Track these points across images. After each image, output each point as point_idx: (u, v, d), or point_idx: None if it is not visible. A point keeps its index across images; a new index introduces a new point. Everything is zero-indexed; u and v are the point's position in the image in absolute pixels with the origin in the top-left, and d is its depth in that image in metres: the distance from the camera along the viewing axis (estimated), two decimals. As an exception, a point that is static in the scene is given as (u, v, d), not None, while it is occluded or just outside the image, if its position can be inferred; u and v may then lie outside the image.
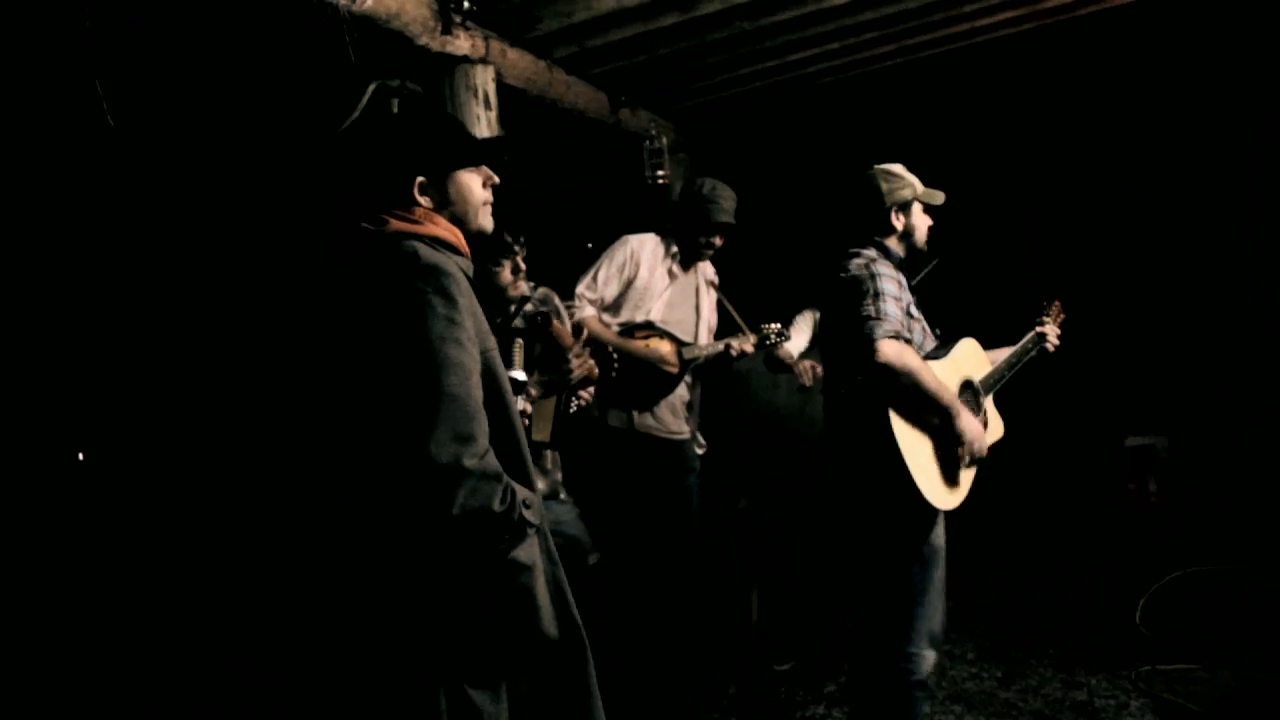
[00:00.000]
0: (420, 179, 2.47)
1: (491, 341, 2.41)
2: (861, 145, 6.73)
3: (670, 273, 4.97)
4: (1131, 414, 7.32)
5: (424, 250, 2.30)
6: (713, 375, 5.25)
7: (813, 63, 6.34)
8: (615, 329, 4.88)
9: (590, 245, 5.43)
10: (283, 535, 2.54)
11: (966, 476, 3.87)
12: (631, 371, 4.72)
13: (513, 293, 3.87)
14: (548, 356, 3.49)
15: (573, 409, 3.86)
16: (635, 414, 4.88)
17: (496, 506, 2.18)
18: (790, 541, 5.81)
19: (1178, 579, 5.90)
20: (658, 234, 5.08)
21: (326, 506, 2.33)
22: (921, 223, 4.02)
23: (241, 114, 4.38)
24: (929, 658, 3.84)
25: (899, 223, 3.99)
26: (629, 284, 4.91)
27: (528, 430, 3.70)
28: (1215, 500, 6.75)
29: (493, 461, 2.20)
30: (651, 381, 4.87)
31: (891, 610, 3.83)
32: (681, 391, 5.00)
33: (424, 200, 2.46)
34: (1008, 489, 4.04)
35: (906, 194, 3.99)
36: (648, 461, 4.91)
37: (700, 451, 5.17)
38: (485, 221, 2.59)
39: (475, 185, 2.54)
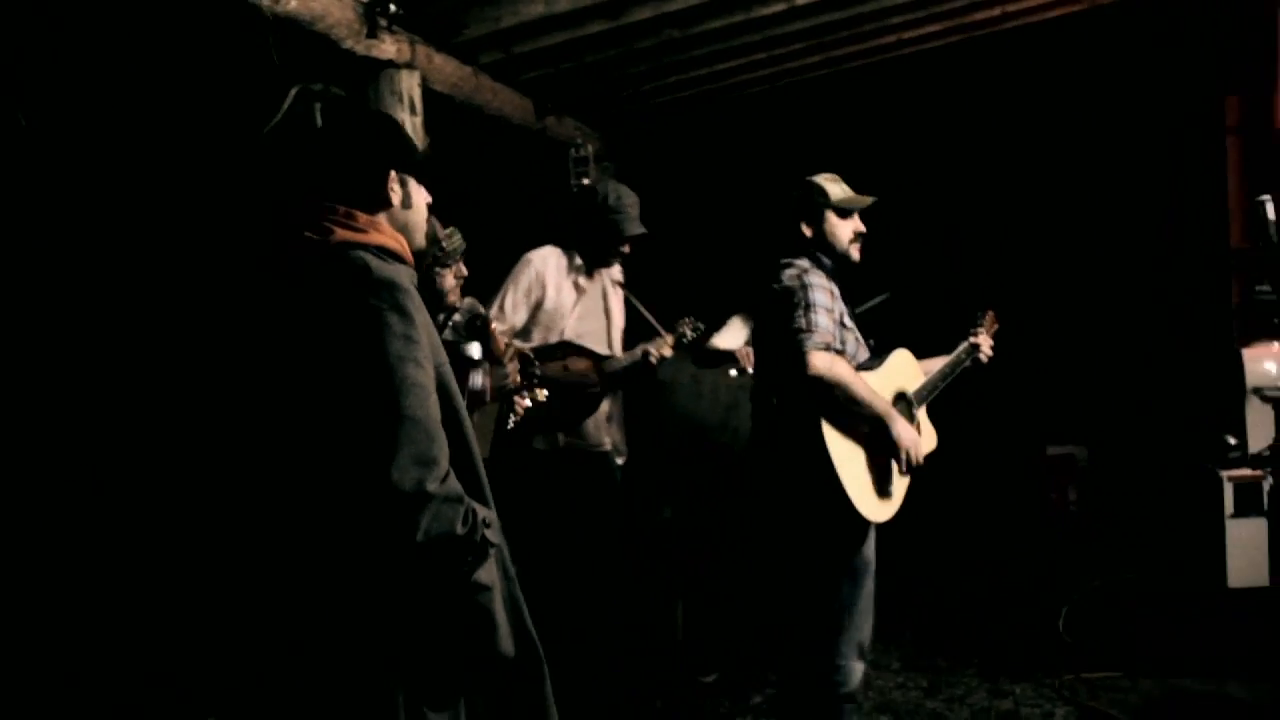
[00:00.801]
0: (393, 174, 2.39)
1: (444, 355, 2.34)
2: (788, 155, 6.77)
3: (577, 285, 4.83)
4: (1052, 424, 7.40)
5: (375, 263, 2.21)
6: (634, 385, 5.17)
7: (740, 72, 6.34)
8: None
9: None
10: (231, 562, 2.43)
11: (899, 488, 3.85)
12: (555, 395, 4.64)
13: (450, 299, 3.80)
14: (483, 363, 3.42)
15: (510, 423, 3.80)
16: (561, 436, 4.79)
17: (459, 530, 2.11)
18: (715, 552, 5.78)
19: (1098, 587, 5.96)
20: (558, 246, 4.91)
21: (278, 531, 2.24)
22: (841, 230, 3.96)
23: (159, 116, 4.26)
24: (858, 670, 3.83)
25: (808, 230, 3.94)
26: (538, 306, 4.78)
27: None
28: (1133, 509, 6.83)
29: (454, 484, 2.14)
30: (576, 403, 4.78)
31: (821, 623, 3.81)
32: (604, 405, 4.93)
33: (382, 202, 2.37)
34: (930, 499, 4.03)
35: (825, 201, 3.94)
36: (573, 477, 4.83)
37: (620, 461, 5.11)
38: (424, 234, 2.52)
39: (423, 193, 2.48)
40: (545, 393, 4.00)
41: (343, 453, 2.11)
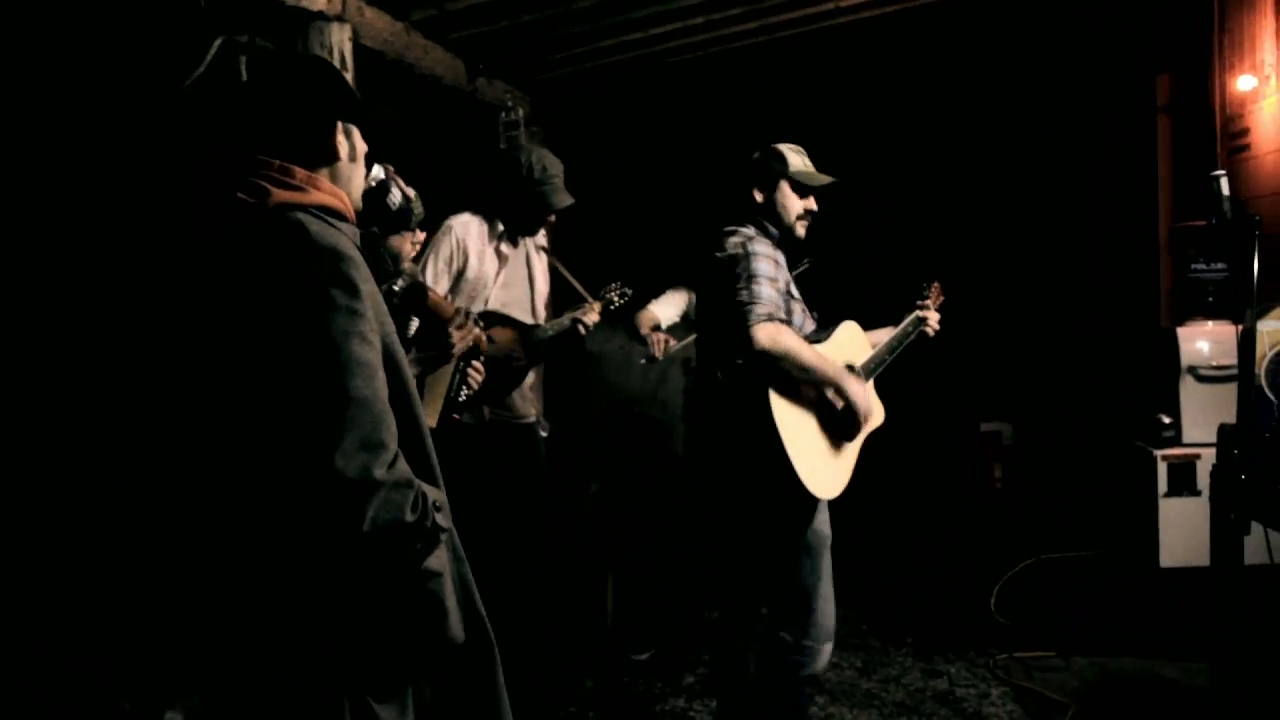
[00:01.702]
0: (340, 126, 2.20)
1: (391, 325, 2.16)
2: (721, 126, 6.69)
3: (499, 253, 4.64)
4: (977, 401, 7.39)
5: (316, 227, 2.02)
6: (562, 355, 5.01)
7: (675, 37, 6.21)
8: None
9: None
10: (168, 555, 2.23)
11: (848, 464, 3.76)
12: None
13: (405, 265, 3.61)
14: (426, 331, 3.24)
15: (463, 395, 3.63)
16: (487, 409, 4.62)
17: (408, 517, 1.96)
18: (646, 527, 5.67)
19: (1029, 566, 5.94)
20: (479, 213, 4.68)
21: (213, 523, 2.06)
22: (792, 203, 3.86)
23: (72, 66, 4.00)
24: (824, 651, 3.74)
25: (760, 196, 3.82)
26: (460, 275, 4.58)
27: None
28: (1059, 487, 6.84)
29: (403, 468, 1.98)
30: (502, 375, 4.60)
31: (785, 604, 3.71)
32: (529, 376, 4.77)
33: (328, 155, 2.19)
34: (859, 475, 3.94)
35: (781, 169, 3.83)
36: (499, 450, 4.66)
37: (545, 434, 4.95)
38: (362, 188, 2.35)
39: (361, 142, 2.30)
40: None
41: (283, 438, 1.94)
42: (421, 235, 3.56)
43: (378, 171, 2.51)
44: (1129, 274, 6.79)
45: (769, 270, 3.61)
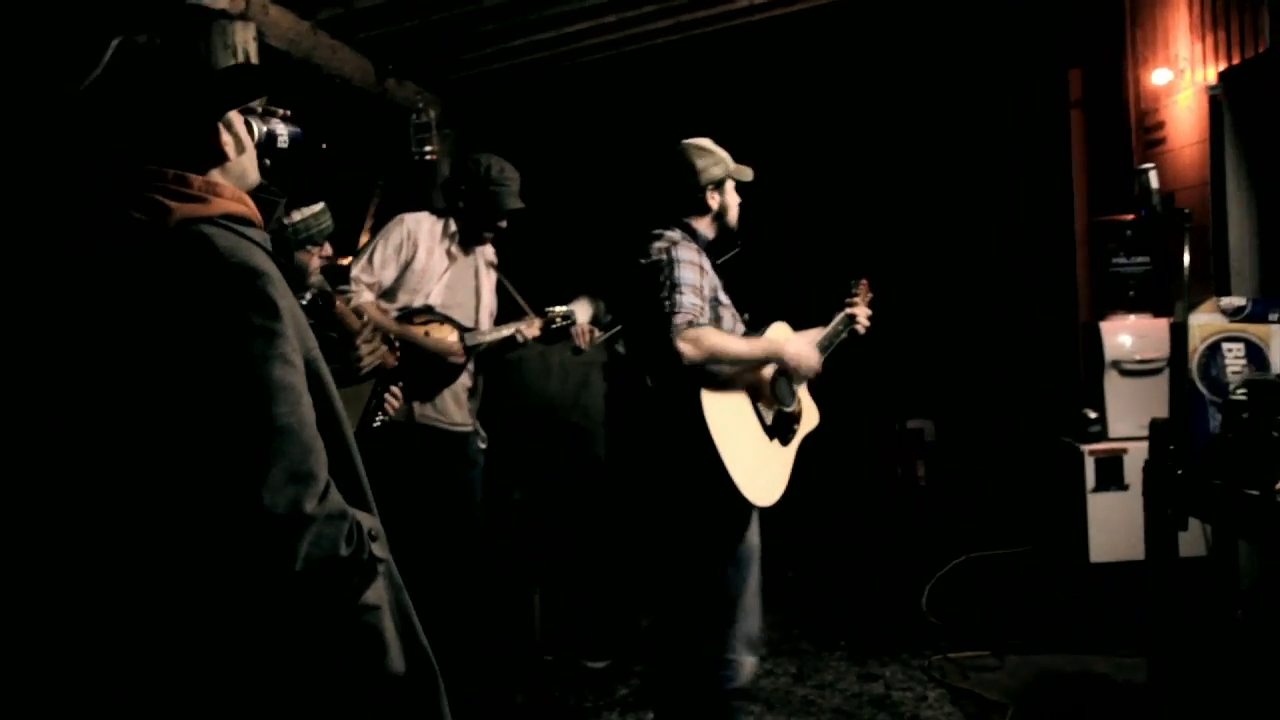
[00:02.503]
0: (224, 119, 1.98)
1: (314, 342, 1.97)
2: (635, 126, 6.57)
3: (449, 254, 4.60)
4: (896, 398, 7.37)
5: (224, 242, 1.83)
6: (490, 362, 4.90)
7: (588, 36, 6.10)
8: (394, 314, 4.49)
9: (324, 146, 4.92)
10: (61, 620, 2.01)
11: (784, 468, 3.68)
12: (412, 360, 4.33)
13: (313, 279, 3.44)
14: (331, 344, 3.06)
15: (377, 421, 3.47)
16: (416, 405, 4.49)
17: (344, 550, 1.80)
18: (571, 535, 5.55)
19: (959, 565, 5.90)
20: (432, 213, 4.70)
21: (111, 580, 1.88)
22: (733, 201, 3.80)
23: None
24: (748, 664, 3.64)
25: (714, 201, 3.73)
26: (406, 266, 4.52)
27: None
28: (982, 484, 6.83)
29: (335, 499, 1.82)
30: (434, 371, 4.49)
31: (706, 615, 3.60)
32: (464, 380, 4.65)
33: (215, 157, 1.99)
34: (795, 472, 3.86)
35: (719, 171, 3.74)
36: (429, 456, 4.53)
37: (483, 446, 4.82)
38: (257, 170, 2.15)
39: (242, 124, 2.10)
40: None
41: (200, 477, 1.76)
42: (329, 250, 3.41)
43: (255, 125, 2.31)
44: (1046, 269, 6.80)
45: (693, 278, 3.51)
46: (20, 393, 1.95)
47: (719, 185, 3.74)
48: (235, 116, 2.05)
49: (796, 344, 3.66)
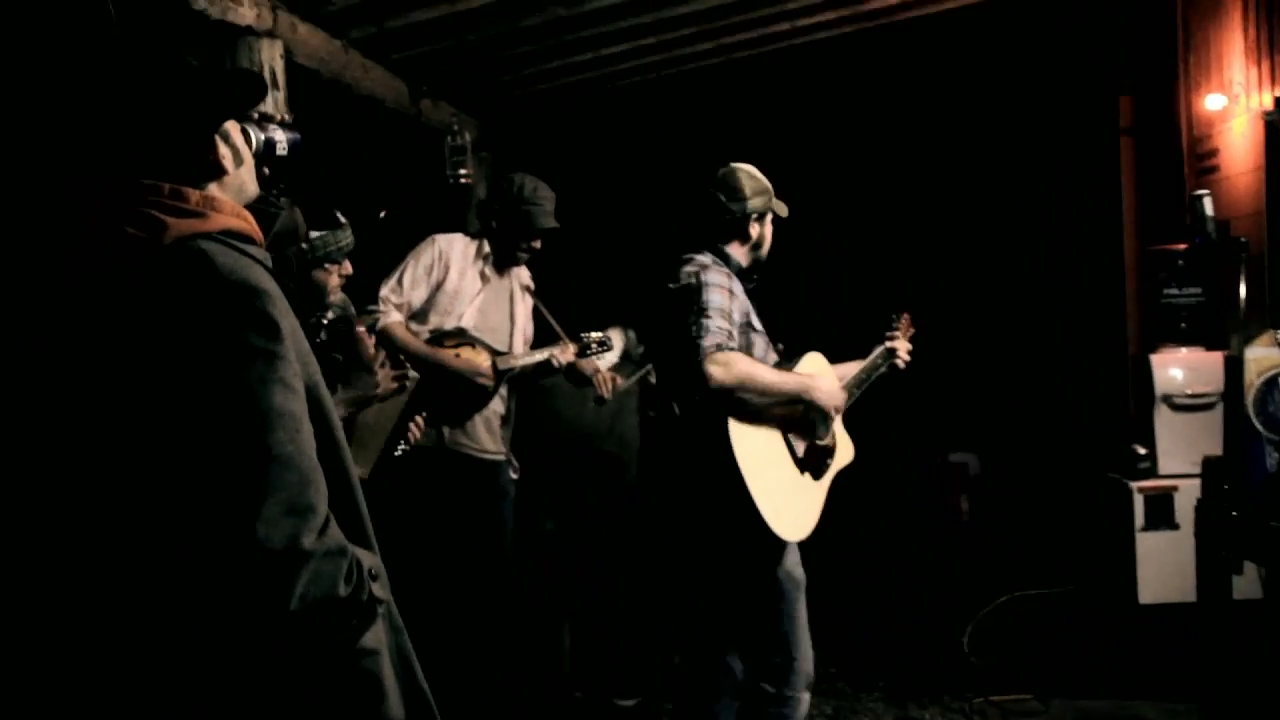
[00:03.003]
0: (220, 130, 1.88)
1: (315, 366, 1.86)
2: (674, 150, 6.47)
3: (482, 275, 4.50)
4: (939, 431, 7.19)
5: (224, 259, 1.73)
6: (523, 388, 4.80)
7: (628, 58, 6.01)
8: (425, 336, 4.39)
9: (382, 215, 4.88)
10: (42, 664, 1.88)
11: (816, 503, 3.54)
12: (441, 384, 4.23)
13: (332, 298, 3.34)
14: (350, 369, 2.96)
15: (399, 450, 3.37)
16: (446, 430, 4.38)
17: (342, 590, 1.69)
18: (602, 567, 5.42)
19: (1002, 604, 5.72)
20: (466, 234, 4.61)
21: (98, 618, 1.76)
22: (769, 235, 3.69)
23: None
24: (804, 700, 3.54)
25: (754, 231, 3.63)
26: (437, 287, 4.44)
27: None
28: (1028, 520, 6.64)
29: (335, 534, 1.71)
30: (463, 395, 4.38)
31: (762, 653, 3.47)
32: (496, 406, 4.54)
33: (213, 170, 1.89)
34: (824, 510, 3.72)
35: (762, 202, 3.64)
36: (458, 484, 4.42)
37: (515, 476, 4.71)
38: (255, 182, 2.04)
39: (240, 139, 1.97)
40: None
41: (192, 508, 1.65)
42: (349, 268, 3.30)
43: (253, 134, 2.20)
44: (1094, 299, 6.63)
45: (722, 302, 3.40)
46: (10, 416, 1.85)
47: (761, 216, 3.64)
48: (232, 127, 1.95)
49: (828, 384, 3.51)
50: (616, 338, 5.17)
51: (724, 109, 6.88)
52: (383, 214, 4.84)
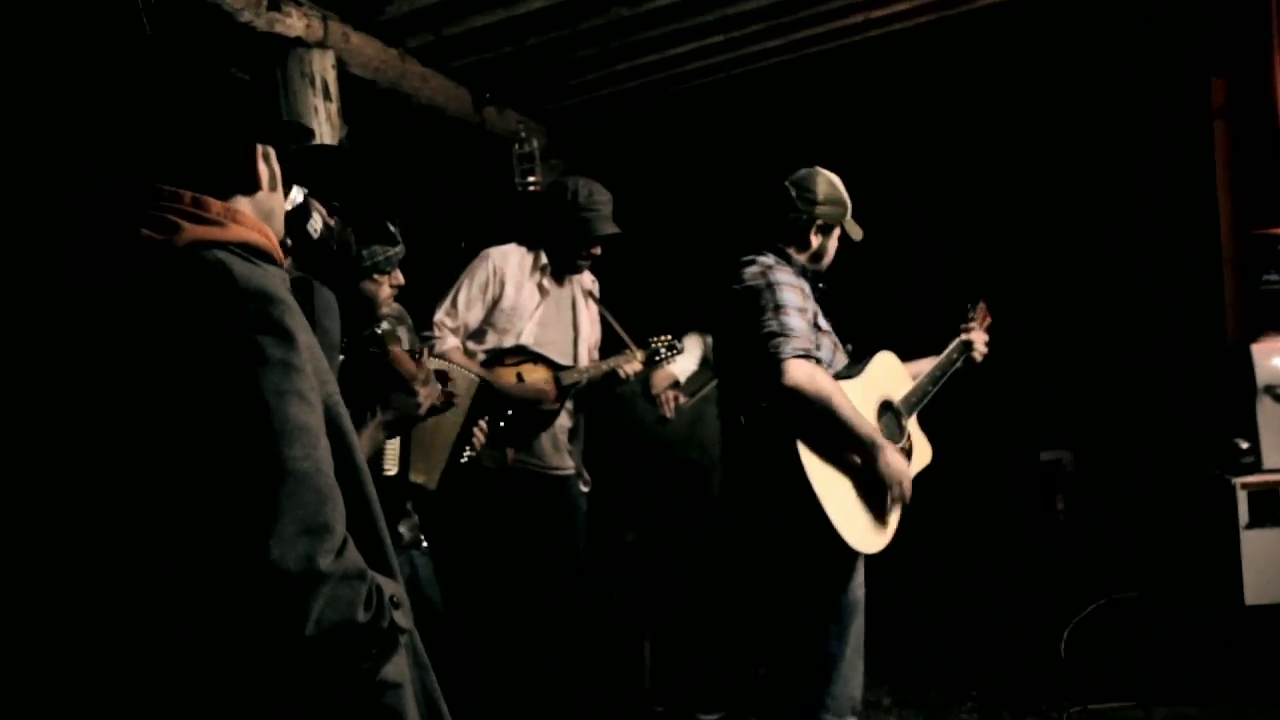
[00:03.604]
0: (260, 149, 1.83)
1: (334, 385, 1.78)
2: (751, 149, 6.33)
3: (541, 288, 4.38)
4: (1030, 427, 6.97)
5: (240, 268, 1.65)
6: (595, 399, 4.69)
7: (695, 58, 5.88)
8: (481, 358, 4.27)
9: (464, 244, 4.80)
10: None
11: (892, 514, 3.37)
12: (504, 406, 4.13)
13: (385, 310, 3.26)
14: (388, 388, 2.88)
15: (465, 457, 3.30)
16: (510, 452, 4.27)
17: (361, 616, 1.59)
18: (684, 579, 5.30)
19: (1100, 607, 5.49)
20: (522, 244, 4.48)
21: (100, 639, 1.68)
22: (833, 248, 3.55)
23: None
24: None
25: (815, 241, 3.48)
26: (494, 304, 4.32)
27: (401, 470, 3.12)
28: (1126, 519, 6.40)
29: (353, 557, 1.62)
30: (527, 416, 4.26)
31: (805, 673, 3.31)
32: (563, 420, 4.44)
33: (248, 184, 1.81)
34: (909, 512, 3.56)
35: (833, 212, 3.50)
36: (527, 502, 4.32)
37: (586, 489, 4.60)
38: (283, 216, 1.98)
39: (278, 167, 1.92)
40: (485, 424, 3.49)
41: (201, 527, 1.56)
42: (400, 278, 3.22)
43: (295, 194, 2.15)
44: (1189, 288, 6.38)
45: (796, 300, 3.26)
46: (15, 423, 1.77)
47: (827, 228, 3.50)
48: (272, 151, 1.89)
49: (896, 460, 3.32)
50: (694, 344, 5.06)
51: (798, 107, 6.72)
52: (463, 244, 4.75)
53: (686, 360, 4.95)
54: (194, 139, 1.76)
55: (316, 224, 2.26)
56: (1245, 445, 4.89)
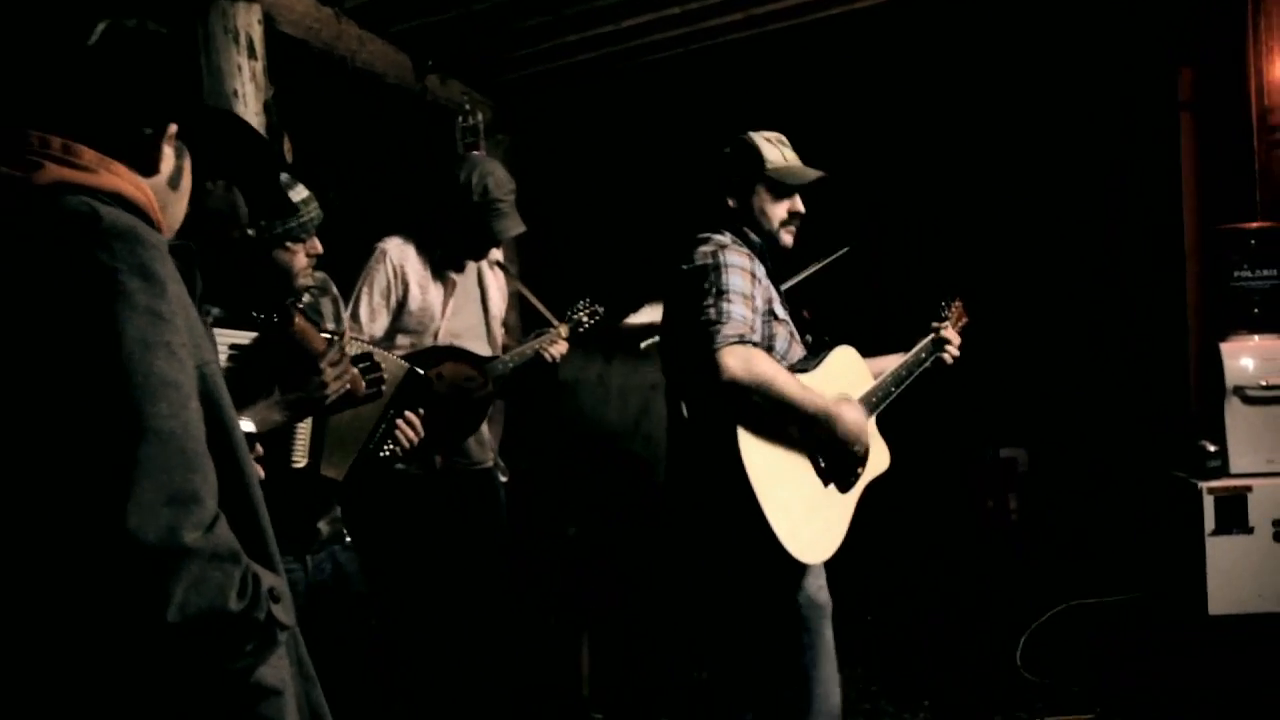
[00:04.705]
0: (173, 131, 1.64)
1: (211, 353, 1.57)
2: (708, 127, 6.09)
3: (446, 279, 4.02)
4: (987, 425, 6.81)
5: (106, 209, 1.45)
6: (530, 386, 4.42)
7: (650, 30, 5.64)
8: None
9: (331, 195, 4.51)
10: None
11: (841, 519, 3.15)
12: (430, 412, 3.84)
13: (302, 281, 2.97)
14: (291, 367, 2.60)
15: (385, 452, 3.02)
16: (439, 458, 3.99)
17: (233, 604, 1.37)
18: (627, 577, 5.10)
19: (1059, 614, 5.32)
20: (415, 237, 4.06)
21: None
22: (768, 207, 3.27)
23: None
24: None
25: (732, 202, 3.24)
26: (400, 308, 3.97)
27: (313, 462, 2.84)
28: (1082, 521, 6.26)
29: (225, 535, 1.39)
30: (456, 418, 3.95)
31: (776, 689, 3.09)
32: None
33: (145, 164, 1.59)
34: (857, 511, 3.36)
35: (748, 167, 3.24)
36: (453, 501, 4.06)
37: (504, 479, 4.35)
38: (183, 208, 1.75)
39: (189, 178, 1.73)
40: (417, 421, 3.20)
41: (47, 491, 1.35)
42: (318, 246, 2.93)
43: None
44: (1152, 284, 6.25)
45: (743, 285, 3.02)
46: None
47: (744, 186, 3.25)
48: (187, 155, 1.71)
49: (854, 415, 3.12)
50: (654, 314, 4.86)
51: (756, 87, 6.50)
52: (331, 194, 4.43)
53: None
54: (86, 90, 1.56)
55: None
56: (1213, 449, 4.75)
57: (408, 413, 3.10)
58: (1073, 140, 6.53)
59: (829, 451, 3.11)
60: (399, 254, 3.97)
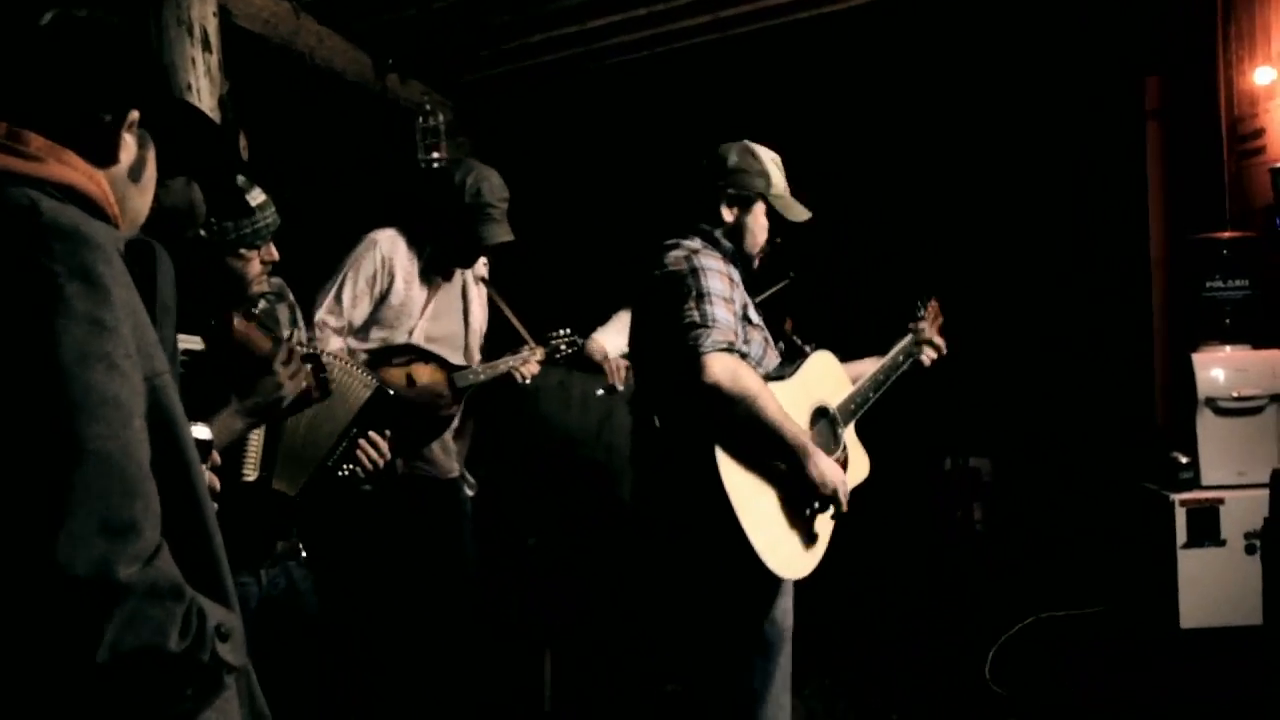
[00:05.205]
0: (134, 119, 1.52)
1: (162, 363, 1.44)
2: (672, 133, 6.02)
3: (431, 281, 3.94)
4: (951, 434, 6.77)
5: (50, 204, 1.34)
6: (496, 397, 4.34)
7: (615, 32, 5.58)
8: (364, 357, 3.80)
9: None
10: None
11: (822, 532, 3.06)
12: (394, 413, 3.73)
13: (256, 288, 2.84)
14: (242, 372, 2.47)
15: (344, 471, 2.90)
16: (400, 462, 3.86)
17: (173, 644, 1.25)
18: (591, 588, 4.99)
19: (1028, 626, 5.26)
20: (406, 233, 3.99)
21: None
22: (759, 228, 3.18)
23: None
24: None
25: (728, 215, 3.14)
26: (382, 299, 3.88)
27: (264, 476, 2.72)
28: (1046, 529, 6.23)
29: (167, 569, 1.28)
30: (422, 424, 3.84)
31: (725, 710, 3.00)
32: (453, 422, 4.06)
33: (103, 153, 1.47)
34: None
35: (752, 184, 3.15)
36: (412, 508, 3.95)
37: (471, 493, 4.25)
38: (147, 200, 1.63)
39: (153, 168, 1.60)
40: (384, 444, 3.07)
41: None
42: (274, 252, 2.80)
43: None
44: (1119, 294, 6.23)
45: (722, 288, 2.94)
46: None
47: (742, 200, 3.15)
48: (150, 145, 1.59)
49: (831, 469, 3.01)
50: (619, 333, 4.77)
51: (722, 91, 6.45)
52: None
53: (617, 336, 4.63)
54: (33, 71, 1.43)
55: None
56: (1184, 460, 4.71)
57: (372, 433, 2.99)
58: (1040, 148, 6.52)
59: (801, 478, 3.02)
60: (389, 245, 3.89)
